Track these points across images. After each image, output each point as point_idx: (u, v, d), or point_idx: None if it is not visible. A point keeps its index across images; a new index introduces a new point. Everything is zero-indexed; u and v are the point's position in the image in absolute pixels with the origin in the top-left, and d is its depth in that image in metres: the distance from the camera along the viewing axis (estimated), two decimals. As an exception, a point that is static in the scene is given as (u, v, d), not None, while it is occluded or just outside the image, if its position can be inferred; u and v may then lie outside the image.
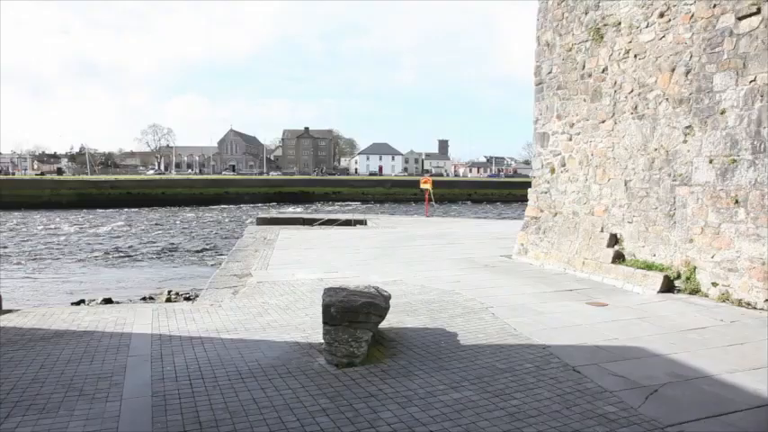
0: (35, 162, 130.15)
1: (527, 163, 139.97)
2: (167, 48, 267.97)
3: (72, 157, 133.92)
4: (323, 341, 5.52)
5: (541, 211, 11.94)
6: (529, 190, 12.49)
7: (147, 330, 6.79)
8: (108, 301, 11.73)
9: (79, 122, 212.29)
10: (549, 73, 11.71)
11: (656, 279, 8.60)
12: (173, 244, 27.23)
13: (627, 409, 4.41)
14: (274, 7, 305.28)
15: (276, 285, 9.30)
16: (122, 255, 23.76)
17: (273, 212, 35.68)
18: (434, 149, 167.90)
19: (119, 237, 30.79)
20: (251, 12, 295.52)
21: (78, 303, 11.65)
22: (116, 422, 4.21)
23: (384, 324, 6.04)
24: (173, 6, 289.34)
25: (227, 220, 39.76)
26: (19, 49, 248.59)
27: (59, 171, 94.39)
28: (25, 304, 12.18)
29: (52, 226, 37.11)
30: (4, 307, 8.26)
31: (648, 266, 8.97)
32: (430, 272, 10.57)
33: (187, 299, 11.05)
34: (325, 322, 5.37)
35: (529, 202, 12.46)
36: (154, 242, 28.09)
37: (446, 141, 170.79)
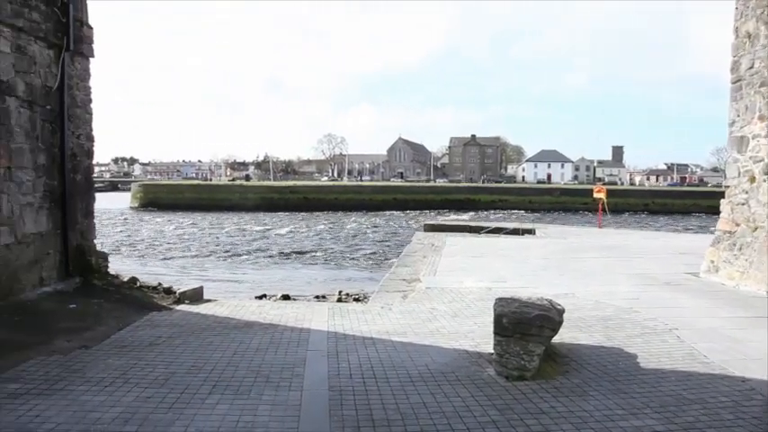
0: (228, 169, 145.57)
1: (716, 170, 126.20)
2: (344, 62, 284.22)
3: (258, 165, 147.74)
4: (493, 352, 5.45)
5: (737, 224, 10.65)
6: (721, 201, 11.21)
7: (324, 327, 7.24)
8: (286, 297, 12.69)
9: (265, 133, 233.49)
10: (750, 68, 10.41)
11: None
12: (342, 247, 28.76)
13: None
14: (442, 18, 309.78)
15: (444, 292, 9.39)
16: (297, 255, 25.62)
17: (440, 219, 36.13)
18: (607, 156, 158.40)
19: (296, 238, 33.25)
20: (420, 23, 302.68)
21: (261, 297, 12.74)
22: (298, 410, 4.54)
23: (556, 339, 5.81)
24: (349, 23, 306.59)
25: (394, 225, 41.11)
26: (222, 70, 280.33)
27: (247, 177, 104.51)
28: (219, 295, 13.63)
29: (242, 227, 41.15)
30: (205, 297, 9.33)
31: None
32: (604, 286, 9.95)
33: (357, 300, 11.57)
34: (496, 333, 5.29)
35: (721, 215, 11.18)
36: (325, 244, 29.91)
37: (621, 148, 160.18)
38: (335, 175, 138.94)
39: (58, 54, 8.47)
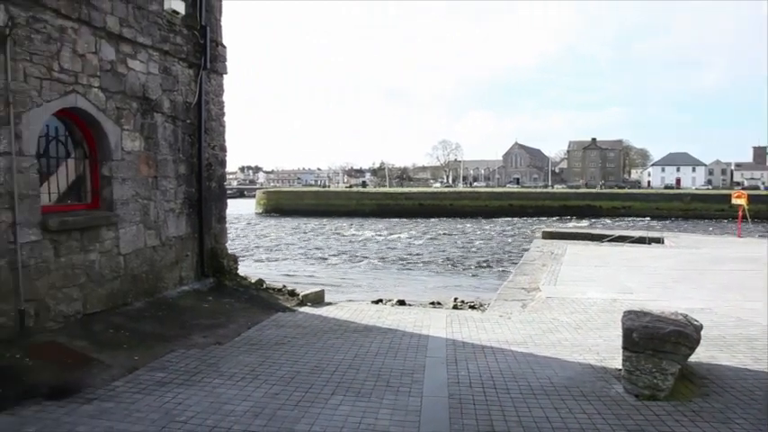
0: (345, 176, 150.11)
1: None
2: (459, 68, 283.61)
3: (374, 172, 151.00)
4: (621, 368, 5.17)
5: None
6: None
7: (442, 334, 7.23)
8: (402, 302, 12.80)
9: (381, 141, 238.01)
10: None
11: None
12: (456, 253, 28.59)
13: None
14: (558, 18, 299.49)
15: (566, 302, 9.04)
16: (411, 260, 25.80)
17: (558, 226, 34.86)
18: (747, 158, 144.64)
19: (410, 244, 33.53)
20: (534, 25, 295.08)
21: (377, 302, 12.96)
22: (417, 416, 4.57)
23: (692, 358, 5.38)
24: (464, 29, 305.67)
25: (510, 232, 40.23)
26: (341, 80, 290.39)
27: (363, 184, 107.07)
28: (336, 298, 14.05)
29: (358, 232, 42.24)
30: (326, 300, 9.67)
31: None
32: (747, 302, 9.08)
33: (473, 307, 11.42)
34: (625, 347, 5.01)
35: None
36: (439, 250, 29.87)
37: (763, 149, 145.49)
38: (450, 181, 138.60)
39: (197, 72, 9.20)
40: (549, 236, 20.99)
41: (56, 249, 6.45)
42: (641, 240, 19.88)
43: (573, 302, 9.00)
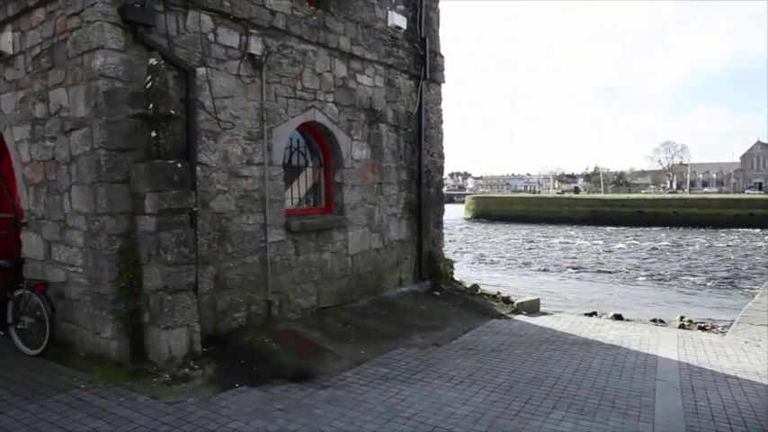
0: (555, 181, 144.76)
1: None
2: (684, 61, 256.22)
3: (587, 177, 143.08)
4: None
5: None
6: None
7: (673, 356, 6.56)
8: (618, 317, 11.88)
9: (594, 144, 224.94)
10: None
11: None
12: (677, 266, 25.74)
13: None
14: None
15: (835, 331, 7.59)
16: (624, 272, 23.85)
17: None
18: None
19: (626, 254, 31.09)
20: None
21: (591, 315, 12.20)
22: (650, 444, 4.19)
23: None
24: (685, 20, 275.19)
25: (748, 245, 35.07)
26: (550, 81, 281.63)
27: (576, 190, 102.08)
28: (545, 307, 13.56)
29: (569, 240, 40.41)
30: (541, 309, 9.41)
31: None
32: None
33: (702, 329, 10.16)
34: None
35: None
36: (658, 262, 27.19)
37: None
38: (674, 186, 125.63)
39: (417, 83, 9.62)
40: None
41: (296, 248, 7.25)
42: None
43: None
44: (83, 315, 5.75)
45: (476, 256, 29.99)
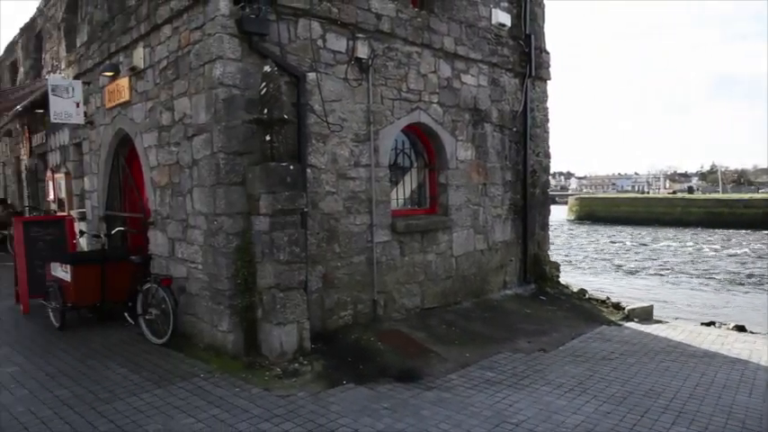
0: (667, 181, 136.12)
1: None
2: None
3: (702, 176, 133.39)
4: None
5: None
6: None
7: (812, 374, 5.96)
8: (740, 328, 10.96)
9: (711, 140, 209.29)
10: None
11: None
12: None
13: None
14: None
15: None
16: (744, 278, 21.92)
17: None
18: None
19: (747, 260, 28.63)
20: None
21: (709, 324, 11.35)
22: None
23: None
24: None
25: None
26: (661, 70, 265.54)
27: (690, 190, 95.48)
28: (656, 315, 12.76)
29: (680, 243, 37.88)
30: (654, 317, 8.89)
31: None
32: None
33: None
34: None
35: None
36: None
37: None
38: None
39: (522, 81, 9.39)
40: None
41: (401, 249, 7.31)
42: None
43: None
44: (202, 309, 6.12)
45: (580, 258, 28.85)
